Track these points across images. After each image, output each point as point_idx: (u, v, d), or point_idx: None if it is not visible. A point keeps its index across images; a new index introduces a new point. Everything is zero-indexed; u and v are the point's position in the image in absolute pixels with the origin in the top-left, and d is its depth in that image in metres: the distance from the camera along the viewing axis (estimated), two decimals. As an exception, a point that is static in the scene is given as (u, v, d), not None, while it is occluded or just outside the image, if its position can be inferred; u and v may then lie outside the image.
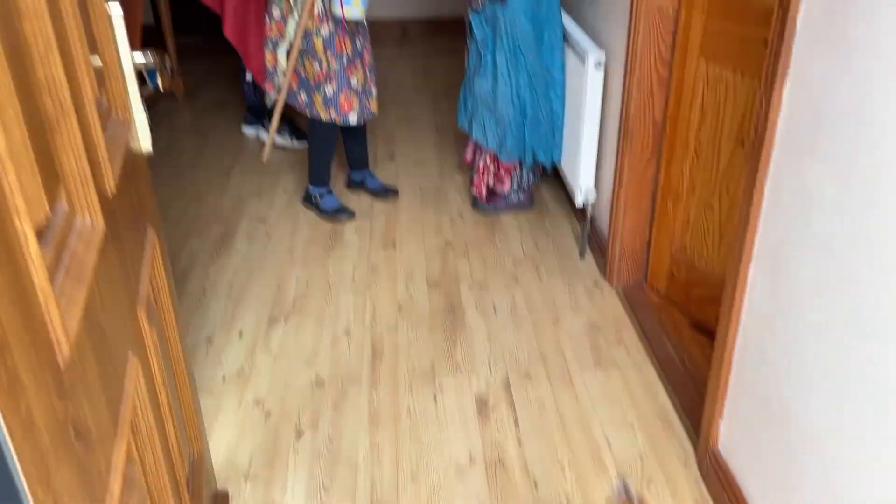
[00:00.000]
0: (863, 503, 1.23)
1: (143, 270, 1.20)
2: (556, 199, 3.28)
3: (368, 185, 3.33)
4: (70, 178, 0.86)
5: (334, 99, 2.85)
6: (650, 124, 2.33)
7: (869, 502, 1.21)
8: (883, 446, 1.17)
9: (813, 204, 1.35)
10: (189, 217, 3.15)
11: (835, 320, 1.29)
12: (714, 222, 2.18)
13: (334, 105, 2.87)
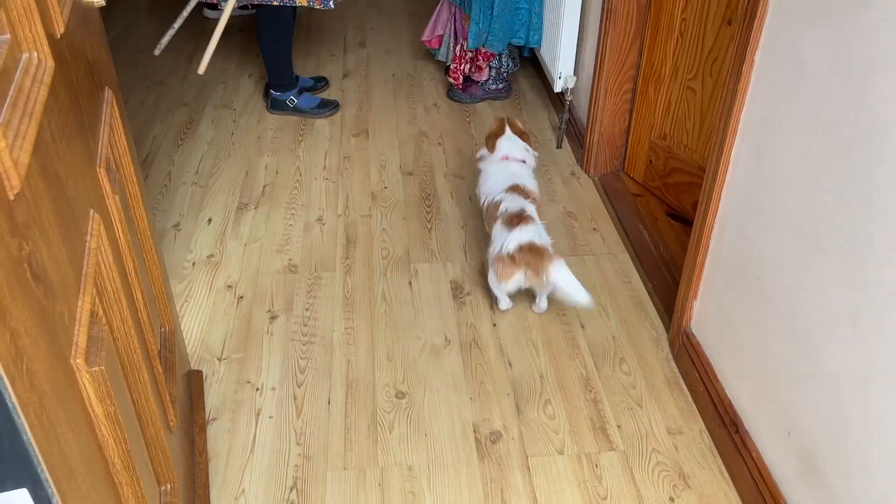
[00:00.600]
0: (832, 371, 1.25)
1: (101, 130, 1.13)
2: (533, 87, 3.19)
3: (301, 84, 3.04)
4: (12, 7, 0.78)
5: None
6: (634, 3, 2.24)
7: (838, 370, 1.23)
8: (855, 317, 1.18)
9: (804, 75, 1.30)
10: (151, 102, 3.00)
11: (819, 196, 1.27)
12: (696, 106, 2.13)
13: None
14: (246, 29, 3.66)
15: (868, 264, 1.14)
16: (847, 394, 1.21)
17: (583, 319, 2.00)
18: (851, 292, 1.18)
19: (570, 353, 1.90)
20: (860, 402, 1.17)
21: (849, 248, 1.19)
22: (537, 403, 1.76)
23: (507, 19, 2.74)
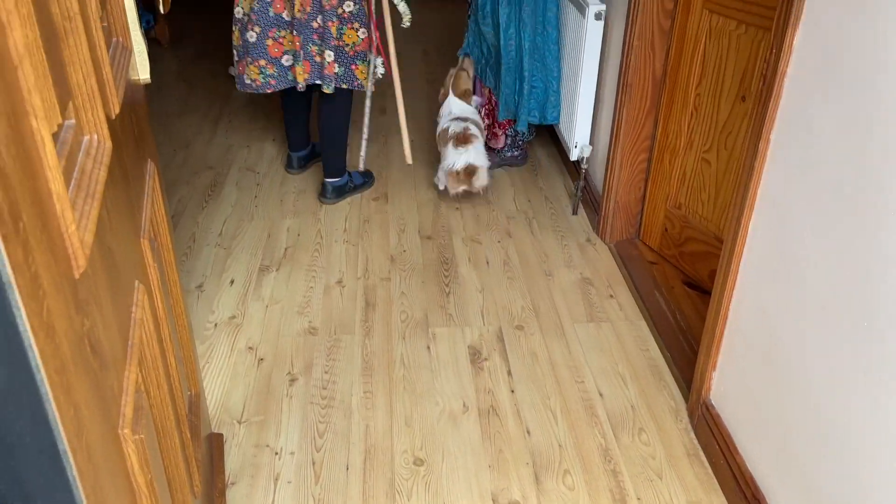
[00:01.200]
0: (854, 447, 1.25)
1: (144, 202, 1.17)
2: (549, 155, 3.26)
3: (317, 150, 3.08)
4: (78, 94, 0.83)
5: (380, 71, 2.72)
6: (650, 77, 2.31)
7: (860, 445, 1.23)
8: (877, 393, 1.19)
9: (820, 151, 1.34)
10: (177, 164, 3.09)
11: (838, 269, 1.29)
12: (711, 177, 2.18)
13: (380, 69, 2.72)
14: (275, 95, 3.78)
15: (889, 339, 1.16)
16: (871, 468, 1.21)
17: (601, 387, 2.01)
18: (872, 367, 1.20)
19: (589, 422, 1.90)
20: (885, 475, 1.17)
21: (868, 323, 1.21)
22: (556, 473, 1.76)
23: (512, 91, 2.82)
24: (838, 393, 1.30)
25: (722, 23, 2.02)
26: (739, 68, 2.00)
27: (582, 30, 2.51)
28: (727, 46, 2.02)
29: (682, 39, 2.19)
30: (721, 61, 2.05)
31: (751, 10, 1.91)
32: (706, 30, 2.09)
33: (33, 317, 0.54)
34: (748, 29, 1.94)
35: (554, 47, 2.73)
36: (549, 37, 2.73)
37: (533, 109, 2.85)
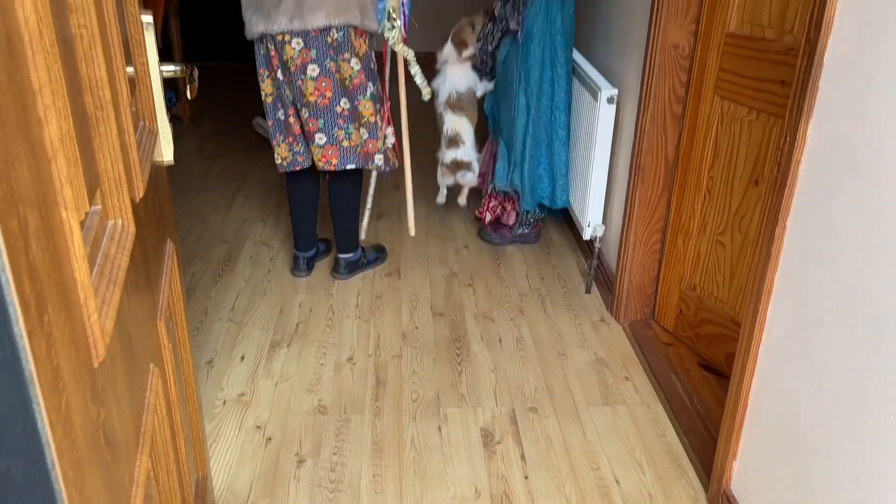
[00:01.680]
0: (890, 547, 1.20)
1: (163, 282, 1.18)
2: (562, 232, 3.27)
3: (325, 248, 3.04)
4: (105, 180, 0.84)
5: (391, 145, 2.67)
6: (662, 160, 2.34)
7: (897, 546, 1.18)
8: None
9: (838, 241, 1.34)
10: (192, 239, 3.12)
11: (860, 358, 1.27)
12: (725, 260, 2.18)
13: (392, 148, 2.68)
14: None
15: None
16: (906, 574, 1.15)
17: (618, 474, 1.95)
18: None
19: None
20: (921, 585, 1.12)
21: (893, 416, 1.17)
22: (572, 565, 1.69)
23: (530, 180, 2.85)
24: (864, 486, 1.25)
25: (733, 109, 2.06)
26: (752, 153, 2.02)
27: (595, 113, 2.56)
28: (739, 132, 2.05)
29: (694, 124, 2.22)
30: (733, 146, 2.08)
31: (762, 97, 1.95)
32: (718, 115, 2.12)
33: (52, 411, 0.53)
34: (759, 115, 1.97)
35: (563, 132, 2.77)
36: (557, 121, 2.78)
37: (541, 193, 2.87)
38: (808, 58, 1.40)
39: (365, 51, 2.45)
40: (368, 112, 2.50)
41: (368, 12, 2.40)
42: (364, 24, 2.39)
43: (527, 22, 2.70)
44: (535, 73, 2.70)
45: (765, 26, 1.92)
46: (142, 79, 1.18)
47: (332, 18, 2.33)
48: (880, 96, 1.22)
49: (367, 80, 2.47)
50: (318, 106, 2.45)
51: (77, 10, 0.78)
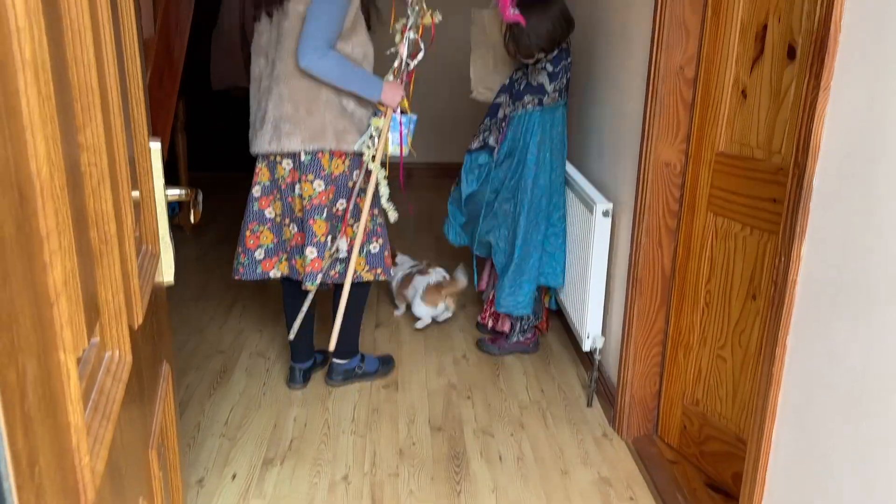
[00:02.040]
0: None
1: (156, 406, 1.16)
2: (561, 342, 3.25)
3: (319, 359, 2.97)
4: (105, 311, 0.84)
5: (380, 255, 2.64)
6: (659, 273, 2.36)
7: None
8: None
9: (840, 364, 1.33)
10: (188, 350, 3.09)
11: (873, 482, 1.23)
12: (727, 374, 2.15)
13: (380, 262, 2.65)
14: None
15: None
16: None
17: None
18: None
19: None
20: None
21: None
22: None
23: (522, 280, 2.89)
24: None
25: (727, 225, 2.10)
26: (748, 268, 2.04)
27: (591, 226, 2.60)
28: (734, 247, 2.08)
29: (690, 238, 2.26)
30: (729, 261, 2.10)
31: (755, 214, 1.99)
32: (712, 230, 2.16)
33: (34, 571, 0.51)
34: (753, 231, 2.01)
35: (560, 233, 2.84)
36: (555, 229, 2.84)
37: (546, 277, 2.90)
38: (798, 181, 1.43)
39: (341, 171, 2.50)
40: (321, 231, 2.51)
41: (347, 135, 2.44)
42: (341, 147, 2.45)
43: (507, 140, 2.79)
44: (528, 183, 2.77)
45: (753, 147, 1.99)
46: (147, 203, 1.20)
47: (305, 144, 2.41)
48: (869, 221, 1.25)
49: (329, 199, 2.49)
50: (301, 220, 2.53)
51: (89, 148, 0.81)
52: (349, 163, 2.50)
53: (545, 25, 2.63)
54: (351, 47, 2.39)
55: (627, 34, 2.52)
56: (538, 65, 2.73)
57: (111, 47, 0.94)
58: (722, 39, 2.06)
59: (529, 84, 2.73)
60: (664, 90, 2.20)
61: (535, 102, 2.72)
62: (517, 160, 2.79)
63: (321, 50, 2.26)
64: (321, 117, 2.39)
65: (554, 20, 2.65)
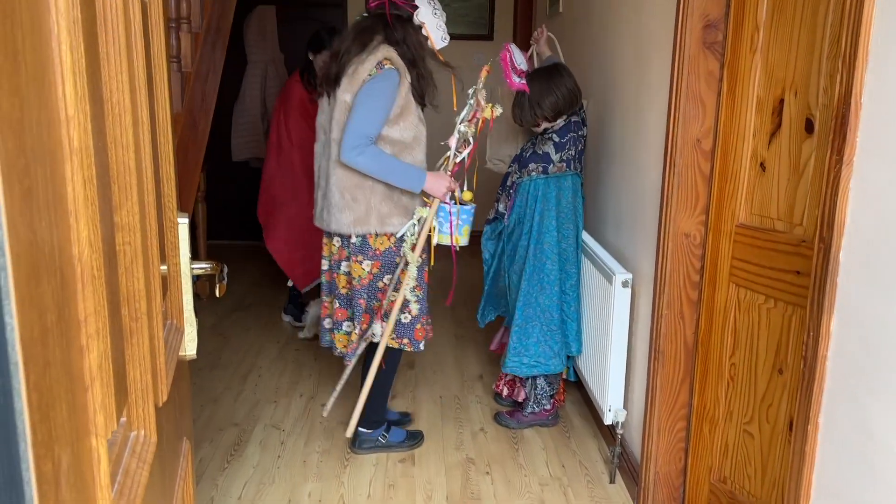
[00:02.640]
0: None
1: (176, 485, 1.13)
2: (581, 415, 3.19)
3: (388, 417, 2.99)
4: (133, 391, 0.84)
5: (409, 326, 2.64)
6: (682, 345, 2.32)
7: None
8: None
9: (875, 444, 1.29)
10: (203, 421, 3.05)
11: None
12: (755, 450, 2.09)
13: (408, 333, 2.64)
14: (303, 348, 3.85)
15: None
16: None
17: None
18: None
19: None
20: None
21: None
22: None
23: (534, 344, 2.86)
24: None
25: (750, 296, 2.08)
26: (773, 341, 2.00)
27: (610, 296, 2.59)
28: (758, 319, 2.05)
29: (712, 310, 2.23)
30: (753, 333, 2.07)
31: (778, 286, 1.97)
32: (735, 302, 2.14)
33: None
34: (777, 303, 1.98)
35: (574, 305, 2.82)
36: (568, 297, 2.83)
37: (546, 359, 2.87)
38: (824, 255, 1.42)
39: (387, 247, 2.56)
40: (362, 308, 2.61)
41: (392, 218, 2.50)
42: (385, 229, 2.51)
43: (516, 207, 2.81)
44: (530, 249, 2.78)
45: (774, 219, 1.99)
46: (174, 278, 1.21)
47: (351, 227, 2.50)
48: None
49: (374, 276, 2.57)
50: (345, 297, 2.63)
51: (124, 227, 0.81)
52: (395, 240, 2.56)
53: (550, 96, 2.70)
54: (399, 132, 2.43)
55: (643, 106, 2.56)
56: (545, 134, 2.79)
57: (147, 127, 0.96)
58: (738, 113, 2.08)
59: (535, 152, 2.78)
60: (682, 162, 2.22)
61: (539, 170, 2.76)
62: (524, 227, 2.81)
63: (360, 147, 2.33)
64: (366, 203, 2.47)
65: (559, 91, 2.71)
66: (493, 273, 3.02)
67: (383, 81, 2.34)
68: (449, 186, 2.48)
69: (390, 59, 2.38)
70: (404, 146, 2.44)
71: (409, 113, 2.44)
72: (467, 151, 2.51)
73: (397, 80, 2.38)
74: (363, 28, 2.46)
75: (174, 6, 2.75)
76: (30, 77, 0.47)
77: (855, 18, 1.36)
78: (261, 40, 5.29)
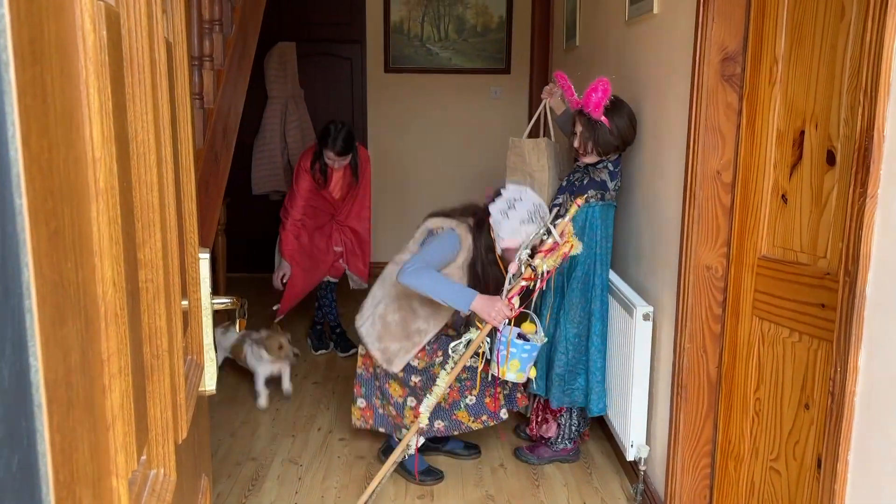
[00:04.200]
0: None
1: (194, 525, 1.12)
2: (603, 451, 3.13)
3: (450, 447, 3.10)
4: (153, 428, 0.83)
5: (479, 403, 2.76)
6: (705, 380, 2.29)
7: None
8: None
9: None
10: (220, 455, 3.04)
11: None
12: (782, 489, 2.04)
13: (483, 410, 2.77)
14: (321, 381, 3.84)
15: None
16: None
17: None
18: None
19: None
20: None
21: None
22: None
23: (566, 378, 2.81)
24: None
25: (774, 330, 2.04)
26: (798, 375, 1.97)
27: (631, 330, 2.56)
28: (782, 353, 2.02)
29: (735, 343, 2.20)
30: (778, 368, 2.03)
31: (802, 319, 1.93)
32: (758, 335, 2.11)
33: None
34: (802, 337, 1.95)
35: (597, 339, 2.77)
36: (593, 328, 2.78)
37: (576, 395, 2.81)
38: (850, 289, 1.40)
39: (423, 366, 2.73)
40: (396, 393, 2.78)
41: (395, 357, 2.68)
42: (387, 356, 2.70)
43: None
44: (575, 284, 2.75)
45: (797, 251, 1.96)
46: (194, 314, 1.21)
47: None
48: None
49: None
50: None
51: (146, 265, 0.82)
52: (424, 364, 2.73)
53: (624, 124, 2.71)
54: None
55: (661, 138, 2.55)
56: (599, 164, 2.77)
57: (170, 165, 0.97)
58: (758, 145, 2.08)
59: (593, 179, 2.76)
60: (702, 195, 2.21)
61: (597, 197, 2.74)
62: (581, 255, 2.73)
63: (419, 269, 2.45)
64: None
65: (630, 120, 2.72)
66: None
67: (448, 239, 2.58)
68: (503, 313, 2.40)
69: (462, 235, 2.60)
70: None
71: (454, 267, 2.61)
72: (525, 282, 2.40)
73: (458, 247, 2.58)
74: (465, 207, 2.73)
75: (198, 44, 2.81)
76: (58, 119, 0.48)
77: (876, 51, 1.36)
78: (281, 76, 5.38)
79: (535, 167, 2.99)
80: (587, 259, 2.75)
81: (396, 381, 2.75)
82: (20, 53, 0.40)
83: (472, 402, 2.74)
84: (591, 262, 2.76)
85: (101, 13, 0.59)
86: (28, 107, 0.42)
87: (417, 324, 2.68)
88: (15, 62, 0.40)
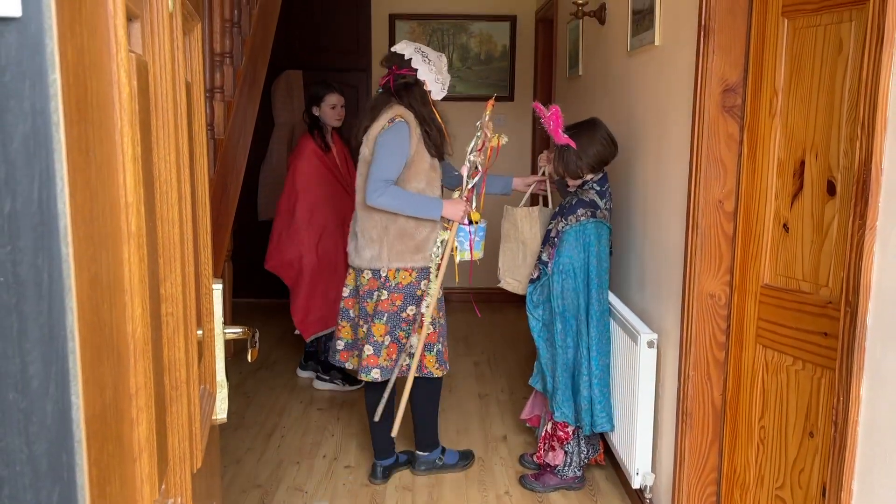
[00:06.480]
0: None
1: (206, 552, 1.14)
2: (608, 478, 3.13)
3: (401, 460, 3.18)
4: (171, 457, 0.86)
5: (442, 353, 2.94)
6: (709, 407, 2.30)
7: None
8: None
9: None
10: (226, 482, 3.04)
11: None
12: (788, 517, 2.04)
13: (442, 360, 2.95)
14: (326, 408, 3.85)
15: None
16: None
17: None
18: None
19: None
20: None
21: None
22: None
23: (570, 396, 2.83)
24: None
25: (778, 358, 2.06)
26: (803, 403, 1.98)
27: (635, 357, 2.57)
28: (786, 381, 2.03)
29: (739, 371, 2.21)
30: (782, 396, 2.05)
31: (806, 348, 1.95)
32: (762, 363, 2.12)
33: None
34: (805, 365, 1.97)
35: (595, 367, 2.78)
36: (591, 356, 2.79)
37: (583, 415, 2.82)
38: (851, 319, 1.42)
39: (409, 281, 2.83)
40: (379, 333, 2.83)
41: (405, 254, 2.79)
42: (397, 265, 2.79)
43: (564, 255, 2.79)
44: (569, 307, 2.77)
45: (799, 279, 1.99)
46: (208, 343, 1.24)
47: (371, 262, 2.80)
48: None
49: (397, 306, 2.82)
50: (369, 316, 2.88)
51: (168, 298, 0.85)
52: (416, 275, 2.84)
53: (594, 146, 2.76)
54: (413, 185, 2.76)
55: (664, 167, 2.59)
56: (585, 186, 2.81)
57: (189, 201, 1.00)
58: (760, 175, 2.11)
59: (581, 200, 2.78)
60: (704, 223, 2.24)
61: (588, 214, 2.75)
62: (578, 275, 2.75)
63: (380, 189, 2.66)
64: (380, 242, 2.79)
65: (601, 141, 2.78)
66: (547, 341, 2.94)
67: (394, 132, 2.69)
68: (465, 209, 2.81)
69: (401, 114, 2.72)
70: (418, 192, 2.76)
71: (420, 161, 2.76)
72: (478, 178, 2.85)
73: (407, 131, 2.71)
74: (375, 103, 2.83)
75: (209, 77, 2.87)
76: (99, 170, 0.51)
77: (872, 86, 1.40)
78: (288, 102, 5.45)
79: (527, 235, 3.02)
80: (579, 274, 2.75)
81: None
82: (68, 114, 0.44)
83: (441, 350, 2.91)
84: (583, 278, 2.76)
85: (134, 65, 0.62)
86: (74, 162, 0.45)
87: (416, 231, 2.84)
88: (64, 122, 0.43)
